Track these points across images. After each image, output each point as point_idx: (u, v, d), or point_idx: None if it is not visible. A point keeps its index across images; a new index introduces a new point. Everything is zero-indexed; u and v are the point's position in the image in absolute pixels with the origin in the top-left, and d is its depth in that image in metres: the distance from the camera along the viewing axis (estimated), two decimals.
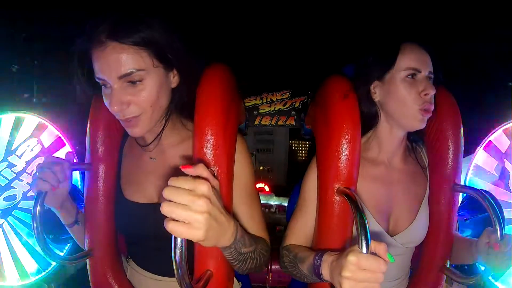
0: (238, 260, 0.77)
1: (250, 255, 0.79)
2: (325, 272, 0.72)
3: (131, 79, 0.76)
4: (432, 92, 0.89)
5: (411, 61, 0.90)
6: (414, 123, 0.91)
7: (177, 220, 0.54)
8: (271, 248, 0.93)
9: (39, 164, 0.84)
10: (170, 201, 0.54)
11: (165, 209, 0.54)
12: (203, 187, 0.55)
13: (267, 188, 2.49)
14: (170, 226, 0.54)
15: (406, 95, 0.90)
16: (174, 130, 0.92)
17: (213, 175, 0.62)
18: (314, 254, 0.78)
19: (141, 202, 0.92)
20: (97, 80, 0.79)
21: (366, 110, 0.94)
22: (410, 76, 0.90)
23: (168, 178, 0.88)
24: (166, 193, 0.54)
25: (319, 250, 0.81)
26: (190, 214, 0.54)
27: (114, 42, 0.74)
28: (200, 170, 0.58)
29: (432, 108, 0.92)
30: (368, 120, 0.96)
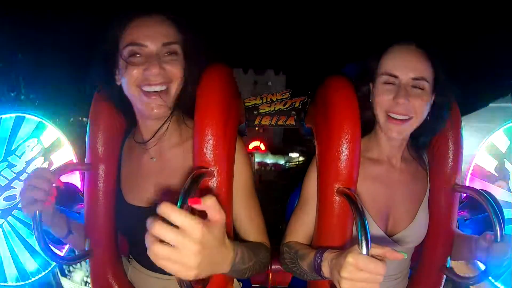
0: (237, 274, 0.78)
1: (249, 268, 0.80)
2: (325, 270, 0.72)
3: (171, 48, 0.83)
4: (403, 101, 0.86)
5: (389, 66, 0.89)
6: (388, 131, 0.90)
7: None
8: (271, 248, 0.93)
9: (25, 182, 0.82)
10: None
11: (154, 248, 0.50)
12: (196, 233, 0.50)
13: (262, 147, 2.44)
14: (161, 264, 0.50)
15: (380, 100, 0.90)
16: (175, 129, 0.92)
17: (217, 202, 0.55)
18: (315, 251, 0.78)
19: (143, 206, 0.92)
20: (128, 48, 0.81)
21: (364, 112, 0.94)
22: (388, 84, 0.89)
23: (169, 179, 0.88)
24: (155, 229, 0.49)
25: (319, 247, 0.81)
26: (180, 257, 0.50)
27: (162, 16, 0.83)
28: (207, 204, 0.54)
29: (411, 118, 0.87)
30: (367, 122, 0.96)
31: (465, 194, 1.12)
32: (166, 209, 0.50)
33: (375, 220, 0.94)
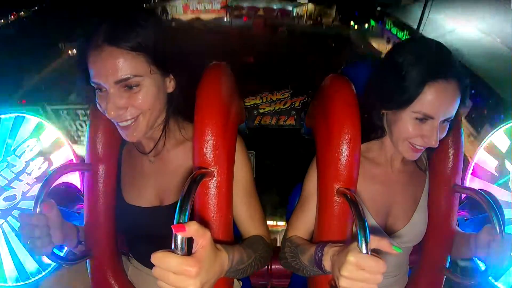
0: (237, 274, 0.78)
1: (249, 265, 0.80)
2: (327, 264, 0.72)
3: (127, 84, 0.75)
4: (434, 143, 0.84)
5: (427, 106, 0.82)
6: (405, 155, 0.90)
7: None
8: (271, 248, 0.93)
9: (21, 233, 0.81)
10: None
11: (159, 284, 0.57)
12: (192, 273, 0.55)
13: None
14: None
15: (405, 131, 0.86)
16: (171, 132, 0.92)
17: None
18: (316, 245, 0.79)
19: (142, 206, 0.92)
20: (92, 84, 0.78)
21: (373, 121, 0.94)
22: (419, 120, 0.84)
23: (168, 179, 0.88)
24: (155, 273, 0.56)
25: (320, 242, 0.81)
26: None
27: (111, 47, 0.73)
28: (191, 231, 0.57)
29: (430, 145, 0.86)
30: (374, 129, 0.95)
31: (465, 194, 1.12)
32: (157, 260, 0.55)
33: (375, 219, 0.94)
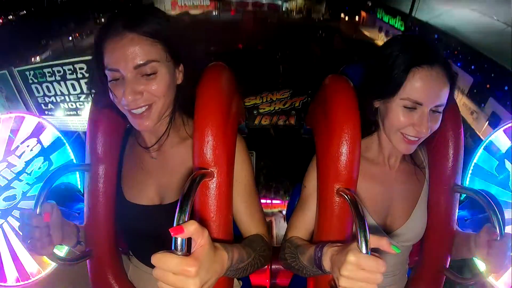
0: (237, 273, 0.78)
1: (249, 264, 0.81)
2: (326, 264, 0.72)
3: (145, 70, 0.77)
4: (425, 131, 0.84)
5: (415, 94, 0.82)
6: (399, 147, 0.90)
7: None
8: (271, 247, 0.93)
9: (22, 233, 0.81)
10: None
11: (159, 284, 0.57)
12: (191, 272, 0.55)
13: None
14: None
15: (396, 121, 0.86)
16: (175, 129, 0.92)
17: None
18: (315, 245, 0.79)
19: (143, 204, 0.92)
20: (107, 72, 0.79)
21: (367, 116, 0.93)
22: (408, 107, 0.84)
23: (169, 177, 0.88)
24: (155, 274, 0.56)
25: (319, 242, 0.81)
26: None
27: (132, 33, 0.76)
28: (190, 231, 0.57)
29: (424, 137, 0.87)
30: (368, 125, 0.96)
31: (465, 194, 1.12)
32: (156, 261, 0.55)
33: (374, 218, 0.95)
